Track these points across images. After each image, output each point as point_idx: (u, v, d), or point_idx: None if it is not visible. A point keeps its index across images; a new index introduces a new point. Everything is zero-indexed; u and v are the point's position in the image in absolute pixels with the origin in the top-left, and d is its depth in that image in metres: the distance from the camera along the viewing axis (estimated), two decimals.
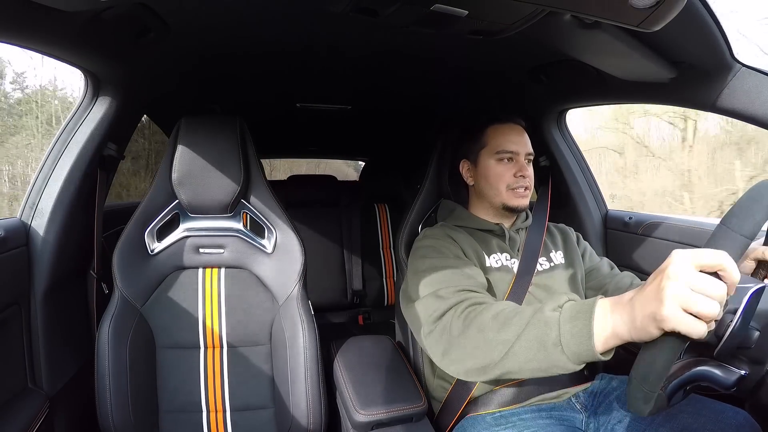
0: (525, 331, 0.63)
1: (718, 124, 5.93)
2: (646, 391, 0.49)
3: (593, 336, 0.55)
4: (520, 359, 0.63)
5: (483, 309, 0.71)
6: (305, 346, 0.95)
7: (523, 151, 0.96)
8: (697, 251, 0.47)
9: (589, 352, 0.55)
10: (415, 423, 0.87)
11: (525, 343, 0.62)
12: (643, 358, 0.49)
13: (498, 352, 0.65)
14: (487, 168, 0.97)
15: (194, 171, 0.96)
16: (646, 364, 0.49)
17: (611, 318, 0.54)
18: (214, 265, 1.01)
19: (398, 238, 1.08)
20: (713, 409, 0.74)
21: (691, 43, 0.74)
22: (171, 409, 0.97)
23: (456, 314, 0.73)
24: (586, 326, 0.56)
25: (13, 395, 0.82)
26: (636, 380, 0.49)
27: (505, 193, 0.95)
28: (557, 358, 0.59)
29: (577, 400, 0.89)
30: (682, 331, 0.45)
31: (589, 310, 0.56)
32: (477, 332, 0.69)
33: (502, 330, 0.65)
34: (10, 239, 0.81)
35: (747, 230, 0.47)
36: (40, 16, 0.65)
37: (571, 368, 0.59)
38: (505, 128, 0.98)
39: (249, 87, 1.34)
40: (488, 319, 0.68)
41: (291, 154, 3.02)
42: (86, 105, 0.96)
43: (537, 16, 0.65)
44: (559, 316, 0.60)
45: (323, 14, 0.79)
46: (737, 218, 0.48)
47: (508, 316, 0.67)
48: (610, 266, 1.02)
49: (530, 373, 0.64)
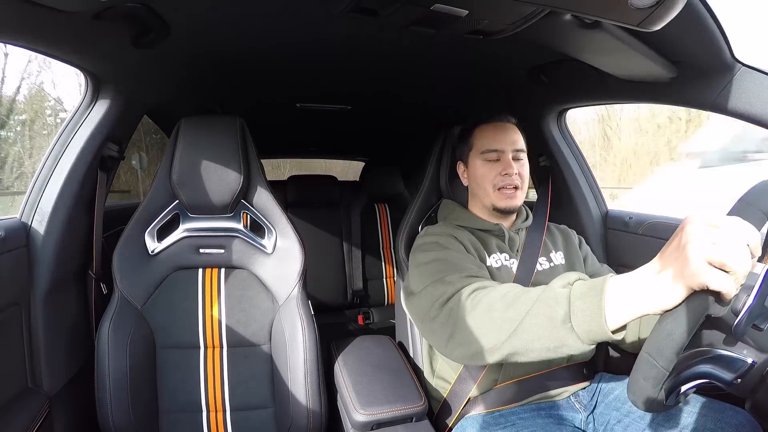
0: (533, 308, 0.61)
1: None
2: (659, 368, 0.47)
3: (604, 313, 0.53)
4: (528, 337, 0.61)
5: (490, 290, 0.70)
6: (305, 346, 0.95)
7: (510, 148, 0.95)
8: (711, 213, 0.46)
9: (599, 329, 0.54)
10: (415, 423, 0.87)
11: (533, 320, 0.60)
12: (659, 329, 0.48)
13: (505, 331, 0.63)
14: (475, 169, 0.97)
15: (194, 171, 0.96)
16: (663, 335, 0.47)
17: (626, 293, 0.52)
18: (214, 266, 1.01)
19: (398, 237, 1.08)
20: (713, 408, 0.74)
21: (691, 42, 0.74)
22: (171, 409, 0.97)
23: (463, 296, 0.72)
24: (596, 302, 0.54)
25: (13, 395, 0.82)
26: (649, 355, 0.48)
27: (493, 194, 0.94)
28: (566, 336, 0.57)
29: (577, 399, 0.89)
30: (712, 284, 0.43)
31: (601, 286, 0.55)
32: (484, 312, 0.67)
33: (510, 308, 0.64)
34: (10, 239, 0.81)
35: (765, 206, 0.47)
36: (40, 16, 0.65)
37: (579, 348, 0.57)
38: (490, 127, 0.98)
39: (249, 87, 1.34)
40: (496, 299, 0.67)
41: (291, 154, 3.02)
42: (86, 105, 0.96)
43: (537, 16, 0.65)
44: (570, 292, 0.58)
45: (323, 14, 0.79)
46: (755, 196, 0.48)
47: (516, 295, 0.65)
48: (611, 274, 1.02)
49: (538, 354, 0.62)
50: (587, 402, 0.89)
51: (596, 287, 0.56)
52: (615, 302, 0.53)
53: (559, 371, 0.90)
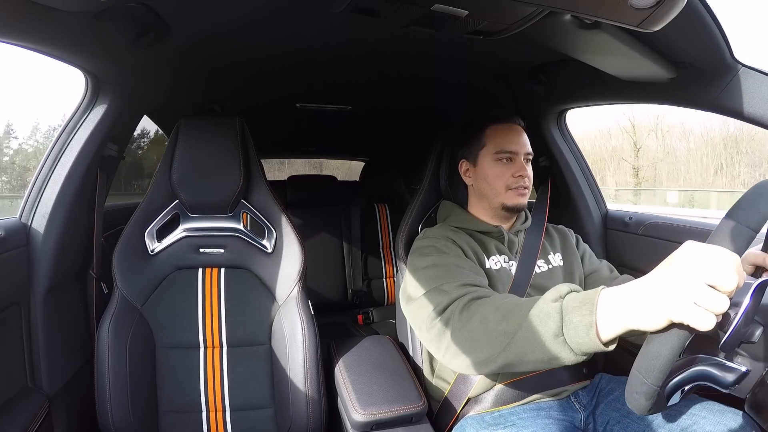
0: (526, 321, 0.62)
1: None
2: (648, 385, 0.48)
3: (596, 326, 0.54)
4: (522, 350, 0.62)
5: (485, 301, 0.71)
6: (305, 346, 0.95)
7: (522, 151, 0.96)
8: (710, 246, 0.47)
9: (591, 342, 0.54)
10: (415, 423, 0.87)
11: (526, 334, 0.61)
12: (647, 349, 0.49)
13: (499, 344, 0.64)
14: (486, 168, 0.97)
15: (194, 171, 0.96)
16: (651, 356, 0.48)
17: (616, 307, 0.53)
18: (214, 265, 1.01)
19: (398, 238, 1.08)
20: (712, 410, 0.74)
21: (691, 43, 0.74)
22: (171, 409, 0.97)
23: (458, 307, 0.73)
24: (588, 316, 0.55)
25: (13, 395, 0.82)
26: (639, 373, 0.49)
27: (504, 193, 0.95)
28: (559, 349, 0.58)
29: (576, 399, 0.89)
30: (692, 324, 0.45)
31: (592, 300, 0.56)
32: (479, 324, 0.68)
33: (504, 321, 0.65)
34: (10, 239, 0.81)
35: (753, 223, 0.47)
36: (40, 16, 0.65)
37: (573, 360, 0.58)
38: (503, 128, 0.98)
39: (249, 87, 1.34)
40: (490, 311, 0.68)
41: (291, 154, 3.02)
42: (86, 105, 0.96)
43: (537, 16, 0.65)
44: (561, 306, 0.59)
45: (323, 14, 0.79)
46: (743, 211, 0.48)
47: (509, 308, 0.66)
48: (610, 269, 1.02)
49: (533, 365, 0.63)
50: (587, 402, 0.89)
51: (588, 300, 0.56)
52: (606, 315, 0.54)
53: (559, 371, 0.90)
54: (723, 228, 0.49)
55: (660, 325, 0.48)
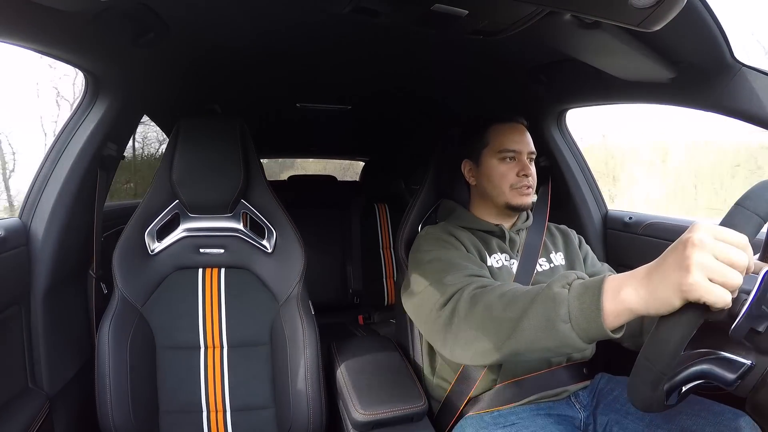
0: (532, 308, 0.61)
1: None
2: (656, 372, 0.48)
3: (602, 312, 0.54)
4: (528, 337, 0.61)
5: (490, 289, 0.70)
6: (305, 346, 0.95)
7: (526, 150, 0.96)
8: (719, 226, 0.47)
9: (598, 328, 0.54)
10: (415, 423, 0.87)
11: (533, 321, 0.61)
12: (657, 333, 0.48)
13: (505, 331, 0.63)
14: (490, 167, 0.97)
15: (194, 171, 0.96)
16: (661, 341, 0.48)
17: (624, 292, 0.53)
18: (214, 265, 1.01)
19: (398, 238, 1.08)
20: (712, 410, 0.74)
21: (691, 43, 0.74)
22: (171, 409, 0.97)
23: (463, 296, 0.72)
24: (594, 302, 0.54)
25: (13, 395, 0.82)
26: (647, 360, 0.49)
27: (509, 192, 0.95)
28: (566, 336, 0.57)
29: (576, 399, 0.89)
30: (708, 299, 0.44)
31: (598, 285, 0.55)
32: (483, 311, 0.67)
33: (509, 307, 0.64)
34: (10, 239, 0.81)
35: (762, 211, 0.47)
36: (41, 16, 0.65)
37: (580, 346, 0.58)
38: (507, 127, 0.98)
39: (249, 87, 1.34)
40: (495, 298, 0.67)
41: (291, 154, 3.02)
42: (86, 105, 0.96)
43: (537, 16, 0.65)
44: (568, 292, 0.59)
45: (323, 14, 0.79)
46: (752, 200, 0.48)
47: (515, 294, 0.65)
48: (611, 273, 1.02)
49: (539, 353, 0.62)
50: (587, 402, 0.89)
51: (594, 286, 0.56)
52: (614, 301, 0.53)
53: (559, 371, 0.90)
54: (733, 214, 0.49)
55: (674, 306, 0.47)
